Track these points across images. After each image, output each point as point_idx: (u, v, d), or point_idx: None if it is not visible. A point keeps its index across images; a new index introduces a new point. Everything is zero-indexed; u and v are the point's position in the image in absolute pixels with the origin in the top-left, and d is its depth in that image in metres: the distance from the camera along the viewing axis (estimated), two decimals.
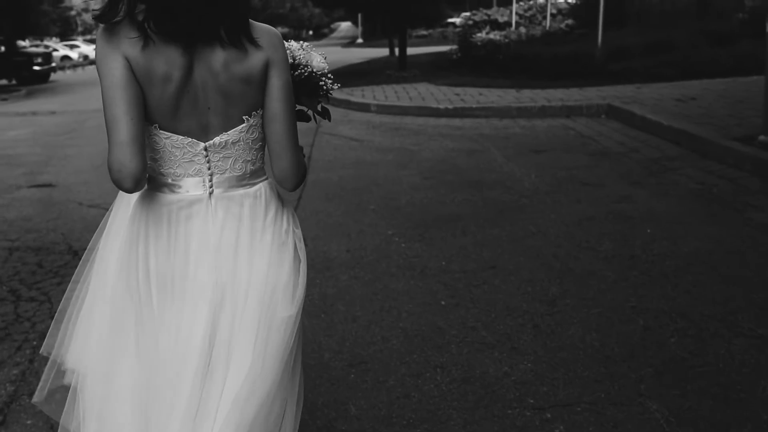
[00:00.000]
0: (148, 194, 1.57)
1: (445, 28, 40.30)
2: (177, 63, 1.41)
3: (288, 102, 1.53)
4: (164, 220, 1.54)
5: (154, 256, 1.55)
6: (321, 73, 1.71)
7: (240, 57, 1.44)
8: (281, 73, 1.50)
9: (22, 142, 9.05)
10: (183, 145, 1.49)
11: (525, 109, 9.29)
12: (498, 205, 5.09)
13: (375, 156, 7.05)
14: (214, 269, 1.54)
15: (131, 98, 1.39)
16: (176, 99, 1.44)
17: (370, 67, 18.88)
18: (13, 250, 4.64)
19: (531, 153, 6.85)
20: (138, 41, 1.38)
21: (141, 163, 1.40)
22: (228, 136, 1.51)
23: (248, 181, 1.57)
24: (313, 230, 4.68)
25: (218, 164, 1.53)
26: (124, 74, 1.38)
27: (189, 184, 1.53)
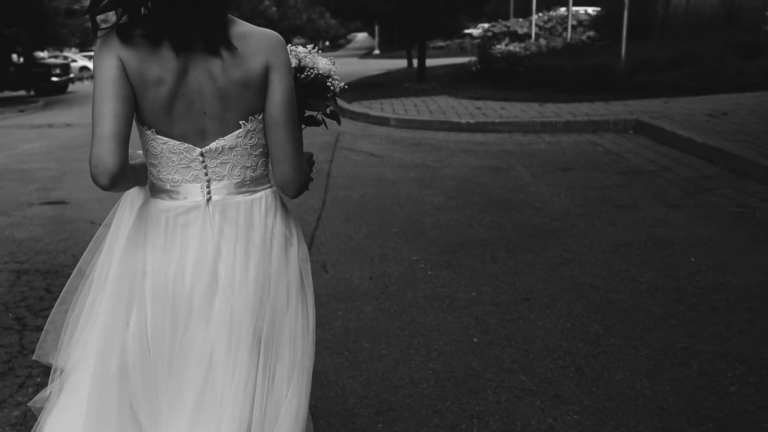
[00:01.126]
0: (148, 201, 1.58)
1: (463, 40, 40.09)
2: (169, 66, 1.41)
3: (289, 107, 1.50)
4: (161, 227, 1.54)
5: (151, 263, 1.54)
6: (327, 75, 1.69)
7: (237, 61, 1.43)
8: (282, 77, 1.48)
9: (36, 156, 8.92)
10: (179, 151, 1.49)
11: (549, 124, 9.02)
12: (528, 228, 4.83)
13: (396, 173, 6.81)
14: (211, 279, 1.52)
15: (118, 96, 1.39)
16: (169, 102, 1.44)
17: (389, 79, 18.69)
18: (21, 273, 4.45)
19: (558, 171, 6.58)
20: (133, 45, 1.40)
21: (119, 161, 1.38)
22: (225, 142, 1.50)
23: (249, 188, 1.56)
24: (334, 254, 4.45)
25: (216, 170, 1.52)
26: (115, 74, 1.39)
27: (187, 191, 1.53)
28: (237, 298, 1.53)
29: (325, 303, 3.67)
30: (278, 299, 1.57)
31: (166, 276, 1.53)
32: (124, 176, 1.44)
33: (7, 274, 4.44)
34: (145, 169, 1.61)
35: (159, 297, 1.54)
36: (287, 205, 1.68)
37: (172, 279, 1.53)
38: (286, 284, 1.58)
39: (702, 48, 12.11)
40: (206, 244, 1.53)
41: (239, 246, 1.54)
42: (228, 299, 1.52)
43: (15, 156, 9.04)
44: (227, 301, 1.52)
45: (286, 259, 1.60)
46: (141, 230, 1.57)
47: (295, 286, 1.61)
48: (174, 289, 1.53)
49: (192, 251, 1.53)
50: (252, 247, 1.55)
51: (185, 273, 1.52)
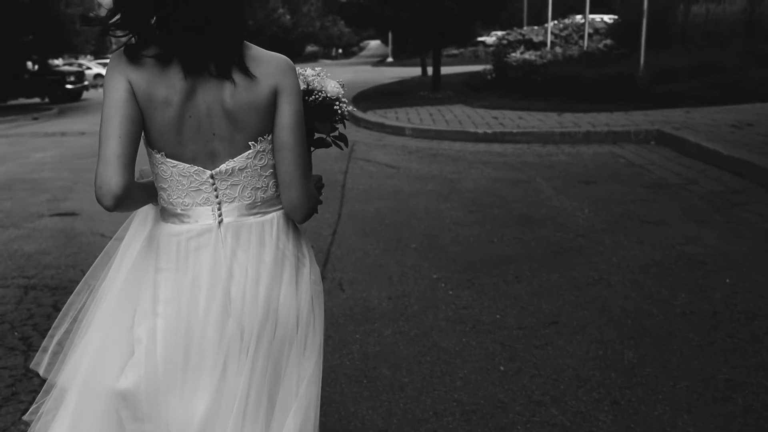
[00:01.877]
0: (159, 225, 1.57)
1: (476, 47, 39.93)
2: (177, 88, 1.41)
3: (297, 130, 1.50)
4: (173, 251, 1.53)
5: (163, 288, 1.53)
6: (335, 98, 1.68)
7: (246, 83, 1.43)
8: (291, 100, 1.48)
9: (48, 165, 8.84)
10: (189, 173, 1.48)
11: (568, 135, 8.83)
12: (551, 245, 4.64)
13: (413, 185, 6.65)
14: (224, 302, 1.50)
15: (125, 118, 1.39)
16: (177, 124, 1.43)
17: (403, 87, 18.55)
18: (29, 288, 4.32)
19: (580, 184, 6.39)
20: (142, 66, 1.40)
21: (123, 182, 1.38)
22: (235, 163, 1.49)
23: (260, 209, 1.54)
24: (351, 272, 4.28)
25: (226, 192, 1.51)
26: (123, 96, 1.40)
27: (198, 214, 1.52)
28: (247, 320, 1.51)
29: (342, 325, 3.51)
30: (288, 321, 1.56)
31: (179, 301, 1.52)
32: (129, 197, 1.44)
33: (15, 289, 4.32)
34: (155, 187, 1.59)
35: (172, 323, 1.52)
36: (299, 226, 1.65)
37: (186, 305, 1.51)
38: (296, 307, 1.57)
39: (723, 57, 11.89)
40: (219, 267, 1.51)
41: (251, 267, 1.53)
42: (239, 321, 1.51)
43: (27, 165, 8.97)
44: (238, 323, 1.51)
45: (297, 281, 1.59)
46: (152, 254, 1.56)
47: (306, 309, 1.59)
48: (188, 314, 1.51)
49: (205, 275, 1.51)
50: (263, 268, 1.54)
51: (199, 298, 1.51)
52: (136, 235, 1.65)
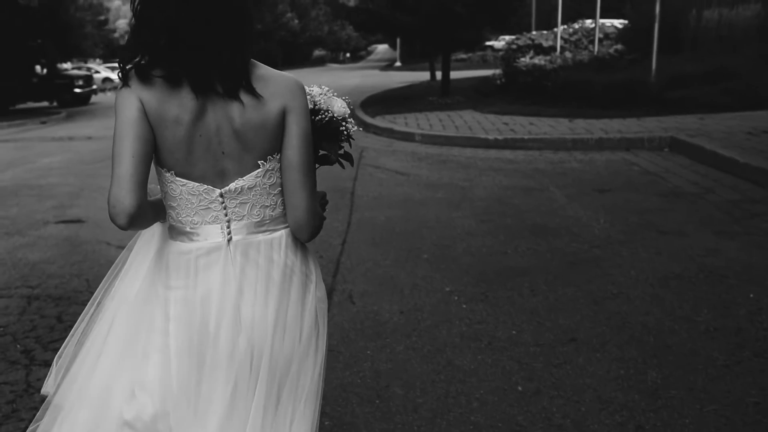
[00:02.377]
0: (168, 243, 1.58)
1: (485, 52, 39.81)
2: (188, 107, 1.42)
3: (305, 151, 1.52)
4: (182, 270, 1.53)
5: (174, 306, 1.53)
6: (342, 118, 1.69)
7: (255, 104, 1.45)
8: (299, 120, 1.50)
9: (55, 171, 8.77)
10: (199, 192, 1.49)
11: (581, 141, 8.71)
12: (567, 256, 4.52)
13: (423, 193, 6.54)
14: (234, 320, 1.50)
15: (137, 137, 1.41)
16: (188, 143, 1.44)
17: (411, 92, 18.44)
18: (32, 298, 4.23)
19: (594, 192, 6.26)
20: (153, 85, 1.42)
21: (136, 201, 1.40)
22: (244, 182, 1.50)
23: (268, 227, 1.56)
24: (361, 284, 4.18)
25: (235, 210, 1.52)
26: (135, 114, 1.41)
27: (207, 232, 1.52)
28: (257, 337, 1.52)
29: (353, 340, 3.40)
30: (294, 338, 1.57)
31: (190, 320, 1.52)
32: (142, 216, 1.45)
33: (18, 299, 4.23)
34: (163, 205, 1.59)
35: (183, 342, 1.52)
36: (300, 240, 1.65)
37: (197, 323, 1.51)
38: (300, 324, 1.58)
39: (736, 62, 11.72)
40: (228, 285, 1.52)
41: (260, 285, 1.54)
42: (249, 338, 1.51)
43: (34, 170, 8.91)
44: (248, 340, 1.51)
45: (304, 299, 1.60)
46: (161, 272, 1.56)
47: (309, 326, 1.60)
48: (199, 332, 1.51)
49: (215, 293, 1.52)
50: (272, 286, 1.55)
51: (209, 316, 1.51)
52: (142, 251, 1.66)
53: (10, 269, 4.77)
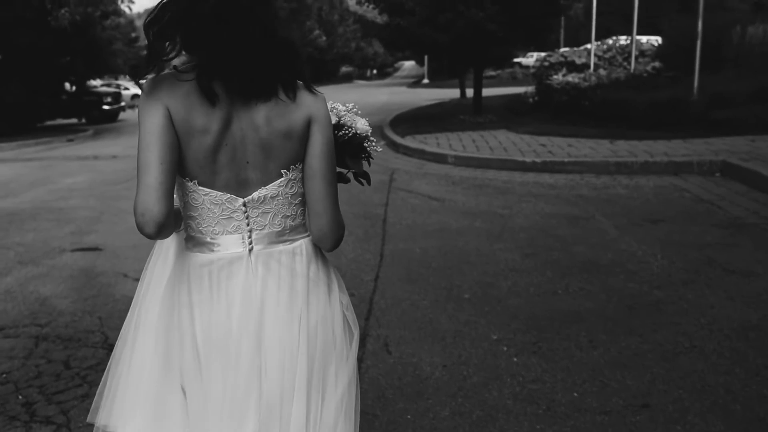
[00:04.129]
0: (187, 255, 1.55)
1: (513, 68, 39.36)
2: (216, 116, 1.41)
3: (329, 159, 1.51)
4: (205, 282, 1.52)
5: (199, 321, 1.52)
6: (365, 135, 1.72)
7: (281, 111, 1.45)
8: (323, 129, 1.50)
9: (76, 192, 8.51)
10: (221, 202, 1.48)
11: (624, 165, 8.22)
12: (625, 299, 4.07)
13: (460, 221, 6.12)
14: (257, 331, 1.50)
15: (165, 145, 1.38)
16: (214, 152, 1.43)
17: (441, 110, 18.05)
18: (40, 339, 3.90)
19: (646, 223, 5.79)
20: (180, 93, 1.40)
21: (165, 209, 1.38)
22: (267, 191, 1.49)
23: (288, 237, 1.55)
24: (397, 329, 3.77)
25: (257, 220, 1.51)
26: (163, 122, 1.39)
27: (228, 242, 1.51)
28: (284, 348, 1.51)
29: (391, 400, 2.99)
30: (325, 346, 1.56)
31: (216, 333, 1.51)
32: (170, 224, 1.43)
33: (25, 340, 3.90)
34: (179, 213, 1.57)
35: (212, 356, 1.51)
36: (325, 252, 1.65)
37: (223, 336, 1.51)
38: (331, 331, 1.58)
39: None
40: (250, 295, 1.51)
41: (282, 295, 1.53)
42: (275, 350, 1.51)
43: (55, 192, 8.67)
44: (276, 352, 1.51)
45: (330, 307, 1.59)
46: (184, 288, 1.54)
47: (339, 334, 1.60)
48: (226, 344, 1.50)
49: (237, 304, 1.51)
50: (296, 296, 1.54)
51: (232, 327, 1.51)
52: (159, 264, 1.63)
53: (19, 304, 4.45)
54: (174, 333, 1.54)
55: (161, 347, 1.56)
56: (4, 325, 4.11)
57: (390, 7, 13.81)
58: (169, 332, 1.55)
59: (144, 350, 1.59)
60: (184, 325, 1.53)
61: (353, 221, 6.24)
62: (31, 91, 18.06)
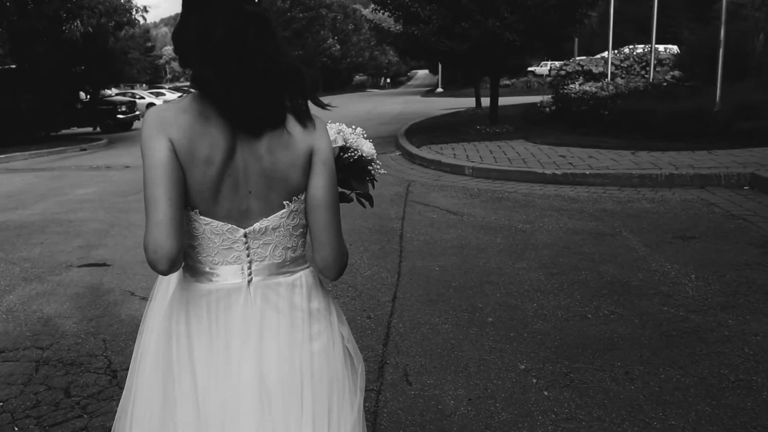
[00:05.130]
0: (185, 285, 1.54)
1: (527, 77, 39.07)
2: (220, 146, 1.39)
3: (332, 190, 1.50)
4: (204, 312, 1.50)
5: (197, 350, 1.49)
6: (370, 158, 1.74)
7: (285, 142, 1.43)
8: (326, 159, 1.48)
9: (87, 204, 8.36)
10: (222, 232, 1.46)
11: (648, 177, 7.95)
12: (660, 324, 3.81)
13: (480, 237, 5.87)
14: (256, 364, 1.47)
15: (172, 180, 1.37)
16: (217, 182, 1.41)
17: (457, 119, 17.83)
18: (41, 363, 3.70)
19: (677, 240, 5.52)
20: (183, 124, 1.38)
21: (177, 245, 1.37)
22: (269, 222, 1.48)
23: (288, 268, 1.54)
24: (418, 356, 3.53)
25: (258, 251, 1.49)
26: (168, 156, 1.37)
27: (227, 273, 1.49)
28: (285, 382, 1.49)
29: None
30: (329, 382, 1.54)
31: (216, 367, 1.48)
32: (181, 259, 1.42)
33: (25, 364, 3.70)
34: None
35: (210, 390, 1.48)
36: (324, 283, 1.65)
37: (222, 368, 1.48)
38: (334, 366, 1.55)
39: None
40: (249, 328, 1.49)
41: (282, 328, 1.51)
42: (273, 383, 1.48)
43: (65, 203, 8.51)
44: (274, 386, 1.48)
45: (332, 341, 1.57)
46: (182, 317, 1.52)
47: (341, 368, 1.57)
48: (225, 378, 1.48)
49: (236, 337, 1.49)
50: (295, 330, 1.52)
51: (231, 359, 1.48)
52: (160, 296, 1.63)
53: (21, 324, 4.26)
54: (173, 364, 1.52)
55: (160, 378, 1.53)
56: (4, 348, 3.92)
57: (405, 16, 13.61)
58: (168, 363, 1.53)
59: (144, 381, 1.58)
60: (182, 356, 1.51)
61: (369, 236, 6.02)
62: (46, 99, 18.05)
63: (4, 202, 8.77)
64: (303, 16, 49.47)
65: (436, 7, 12.82)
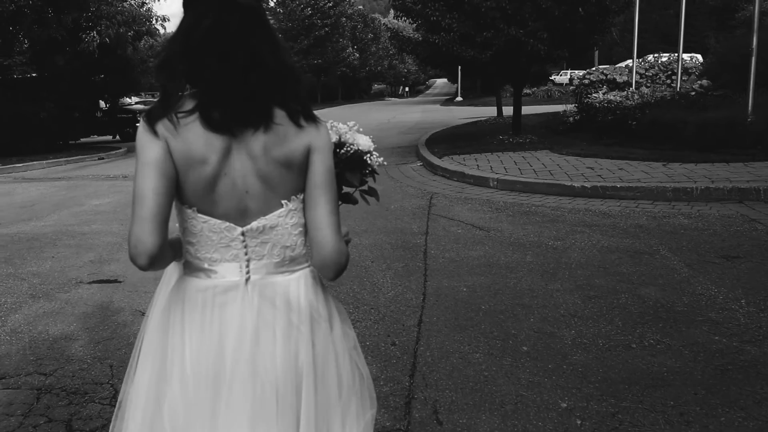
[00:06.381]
0: (184, 279, 1.54)
1: (548, 86, 38.68)
2: (215, 146, 1.39)
3: (330, 188, 1.49)
4: (198, 307, 1.50)
5: (189, 344, 1.49)
6: (367, 151, 1.71)
7: (280, 141, 1.43)
8: (324, 158, 1.48)
9: (101, 216, 8.16)
10: (220, 230, 1.46)
11: (683, 191, 7.59)
12: (713, 357, 3.48)
13: (509, 255, 5.57)
14: (251, 362, 1.46)
15: (161, 177, 1.37)
16: (213, 182, 1.42)
17: (478, 129, 17.52)
18: (43, 391, 3.45)
19: (720, 260, 5.17)
20: (178, 124, 1.38)
21: (158, 242, 1.37)
22: (266, 221, 1.48)
23: (288, 267, 1.53)
24: (448, 390, 3.23)
25: (256, 249, 1.49)
26: (160, 154, 1.38)
27: (225, 270, 1.50)
28: (280, 385, 1.46)
29: None
30: (328, 384, 1.51)
31: (206, 359, 1.47)
32: (163, 256, 1.41)
33: (26, 392, 3.46)
34: (180, 243, 1.55)
35: (199, 380, 1.47)
36: (325, 283, 1.62)
37: (212, 362, 1.46)
38: (335, 371, 1.53)
39: None
40: (245, 325, 1.47)
41: (278, 328, 1.49)
42: (270, 386, 1.46)
43: (80, 214, 8.32)
44: (270, 388, 1.46)
45: (333, 345, 1.54)
46: (178, 310, 1.52)
47: (346, 376, 1.54)
48: (215, 371, 1.46)
49: (231, 333, 1.47)
50: (292, 330, 1.49)
51: (225, 356, 1.46)
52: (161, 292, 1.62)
53: (25, 348, 4.03)
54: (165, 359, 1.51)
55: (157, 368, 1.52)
56: (5, 373, 3.68)
57: (426, 24, 13.35)
58: (163, 354, 1.52)
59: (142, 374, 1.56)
60: (175, 349, 1.50)
61: (391, 253, 5.73)
62: (65, 108, 18.02)
63: (18, 213, 8.61)
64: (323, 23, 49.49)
65: (457, 16, 12.54)
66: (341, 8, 53.37)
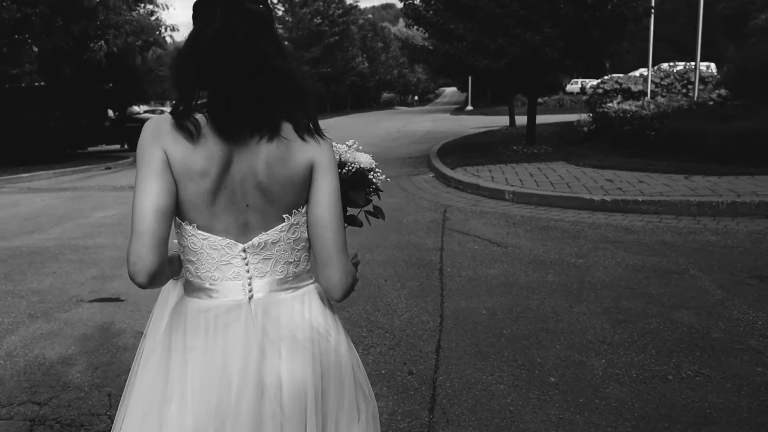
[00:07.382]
0: (185, 300, 1.50)
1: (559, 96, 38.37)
2: (215, 158, 1.36)
3: (335, 207, 1.45)
4: (201, 329, 1.45)
5: (191, 367, 1.43)
6: (369, 169, 1.70)
7: (283, 154, 1.40)
8: (328, 175, 1.44)
9: (105, 228, 7.95)
10: (221, 247, 1.43)
11: (708, 205, 7.30)
12: (758, 390, 3.21)
13: (529, 274, 5.30)
14: (257, 383, 1.41)
15: (161, 191, 1.34)
16: (213, 195, 1.39)
17: (491, 139, 17.27)
18: (36, 423, 3.23)
19: (754, 280, 4.89)
20: (180, 136, 1.36)
21: (158, 258, 1.34)
22: (268, 236, 1.44)
23: (291, 284, 1.49)
24: (470, 427, 2.98)
25: (258, 266, 1.45)
26: (160, 167, 1.35)
27: (227, 289, 1.45)
28: (286, 404, 1.41)
29: None
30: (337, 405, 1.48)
31: (210, 382, 1.40)
32: (162, 274, 1.38)
33: (18, 423, 3.23)
34: (179, 260, 1.52)
35: (202, 404, 1.40)
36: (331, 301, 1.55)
37: (216, 385, 1.40)
38: (340, 389, 1.49)
39: None
40: (250, 346, 1.42)
41: (284, 348, 1.44)
42: (277, 405, 1.41)
43: (84, 227, 8.12)
44: (277, 407, 1.41)
45: (338, 364, 1.49)
46: (180, 332, 1.46)
47: (350, 392, 1.50)
48: (219, 395, 1.40)
49: (236, 355, 1.41)
50: (298, 349, 1.45)
51: (231, 379, 1.40)
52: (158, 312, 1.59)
53: (19, 373, 3.80)
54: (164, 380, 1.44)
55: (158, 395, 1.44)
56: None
57: (439, 33, 13.13)
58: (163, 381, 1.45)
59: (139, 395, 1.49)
60: (176, 373, 1.44)
61: (406, 271, 5.48)
62: (73, 116, 17.91)
63: (22, 225, 8.41)
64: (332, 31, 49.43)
65: (470, 25, 12.31)
66: (351, 16, 53.33)
